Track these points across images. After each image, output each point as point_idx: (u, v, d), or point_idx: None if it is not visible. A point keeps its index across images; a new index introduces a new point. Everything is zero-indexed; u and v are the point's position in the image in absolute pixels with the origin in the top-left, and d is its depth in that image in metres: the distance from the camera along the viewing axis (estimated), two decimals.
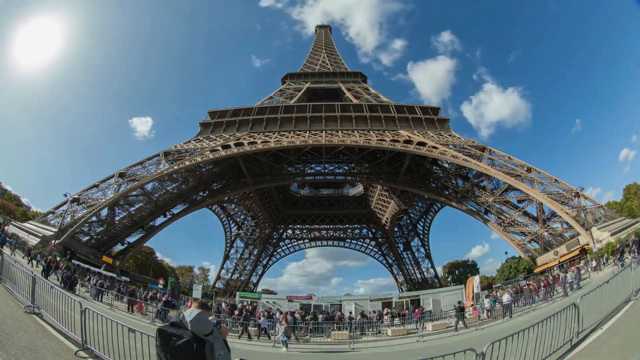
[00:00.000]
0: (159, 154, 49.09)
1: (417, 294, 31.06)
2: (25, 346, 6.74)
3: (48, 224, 40.15)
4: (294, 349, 15.24)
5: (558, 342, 7.73)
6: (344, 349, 15.27)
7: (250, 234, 76.20)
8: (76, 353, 7.32)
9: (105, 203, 42.72)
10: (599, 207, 38.10)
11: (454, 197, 50.42)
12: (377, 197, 74.27)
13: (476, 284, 26.48)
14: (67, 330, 8.06)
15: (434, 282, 71.84)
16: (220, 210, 69.64)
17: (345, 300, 28.34)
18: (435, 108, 57.53)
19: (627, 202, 52.82)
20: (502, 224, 45.58)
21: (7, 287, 10.66)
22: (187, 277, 79.72)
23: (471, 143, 48.60)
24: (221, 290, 68.99)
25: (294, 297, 30.03)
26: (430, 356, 6.83)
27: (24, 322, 8.23)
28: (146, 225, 50.50)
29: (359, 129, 52.25)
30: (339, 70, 76.58)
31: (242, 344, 15.96)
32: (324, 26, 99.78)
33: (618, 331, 8.29)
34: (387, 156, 52.53)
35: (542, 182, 40.81)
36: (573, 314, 8.35)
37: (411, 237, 76.51)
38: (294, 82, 72.52)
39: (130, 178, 45.86)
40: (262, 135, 51.62)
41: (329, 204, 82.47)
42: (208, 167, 53.08)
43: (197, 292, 33.85)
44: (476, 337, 14.32)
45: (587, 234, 33.80)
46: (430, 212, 70.68)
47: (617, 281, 10.78)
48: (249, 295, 38.94)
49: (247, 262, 76.72)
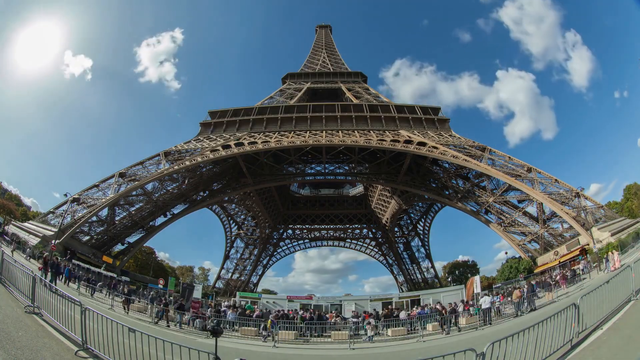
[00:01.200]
0: (159, 154, 49.12)
1: (417, 294, 31.10)
2: (25, 346, 6.75)
3: (48, 224, 40.22)
4: (294, 349, 15.25)
5: (558, 342, 7.73)
6: (343, 349, 15.26)
7: (251, 234, 76.24)
8: (76, 353, 7.33)
9: (106, 203, 42.76)
10: (599, 207, 38.11)
11: (454, 197, 50.43)
12: (377, 197, 74.29)
13: (476, 284, 26.46)
14: (67, 330, 8.07)
15: (434, 282, 71.86)
16: (221, 210, 69.68)
17: (345, 300, 28.35)
18: (435, 108, 57.55)
19: (627, 202, 52.77)
20: (503, 224, 45.59)
21: (7, 287, 10.66)
22: (187, 277, 79.76)
23: (471, 143, 48.60)
24: (221, 290, 69.05)
25: (294, 297, 30.07)
26: (430, 356, 6.84)
27: (24, 322, 8.24)
28: (146, 225, 50.56)
29: (359, 129, 52.27)
30: (339, 70, 76.66)
31: (243, 344, 15.96)
32: (324, 26, 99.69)
33: (618, 331, 8.28)
34: (388, 156, 52.55)
35: (543, 182, 40.81)
36: (573, 314, 8.35)
37: (411, 237, 76.54)
38: (294, 82, 72.58)
39: (130, 178, 45.88)
40: (263, 135, 51.64)
41: (329, 204, 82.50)
42: (208, 167, 53.11)
43: (197, 292, 33.82)
44: (476, 337, 14.32)
45: (587, 234, 33.81)
46: (431, 212, 70.70)
47: (617, 281, 10.77)
48: (249, 295, 38.96)
49: (247, 262, 76.79)
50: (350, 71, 76.63)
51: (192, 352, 6.27)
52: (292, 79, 74.24)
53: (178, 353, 6.51)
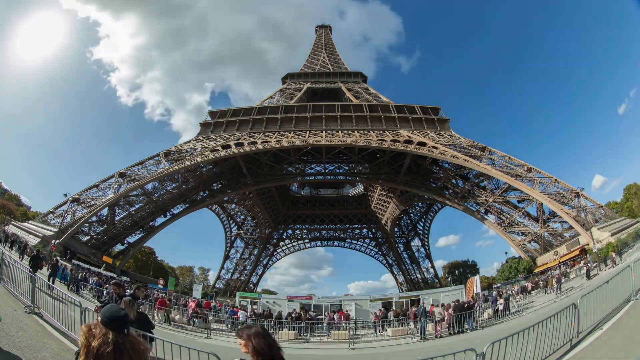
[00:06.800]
0: (159, 154, 49.13)
1: (417, 294, 31.09)
2: (25, 346, 6.74)
3: (48, 224, 40.18)
4: (293, 349, 15.26)
5: (558, 342, 7.73)
6: (343, 349, 15.27)
7: (250, 234, 76.20)
8: (76, 353, 7.31)
9: (105, 203, 42.74)
10: (599, 207, 38.14)
11: (454, 197, 50.42)
12: (377, 197, 74.26)
13: (476, 284, 26.47)
14: (67, 330, 8.07)
15: (434, 282, 71.86)
16: (220, 210, 69.61)
17: (345, 301, 28.33)
18: (435, 108, 57.50)
19: (627, 202, 52.80)
20: (502, 224, 45.60)
21: (7, 287, 10.66)
22: (187, 277, 79.74)
23: (471, 143, 48.60)
24: (221, 290, 69.02)
25: (294, 297, 30.03)
26: (430, 356, 6.84)
27: (24, 322, 8.23)
28: (146, 225, 50.54)
29: (359, 129, 52.24)
30: (339, 70, 76.57)
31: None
32: (324, 26, 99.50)
33: (618, 331, 8.27)
34: (387, 156, 52.53)
35: (542, 182, 40.82)
36: (573, 314, 8.35)
37: (411, 237, 76.59)
38: (294, 82, 72.52)
39: (130, 178, 45.87)
40: (263, 135, 51.62)
41: (329, 204, 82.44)
42: (208, 167, 53.10)
43: (197, 292, 33.87)
44: (476, 337, 14.32)
45: (587, 234, 33.80)
46: (430, 212, 70.68)
47: (617, 281, 10.77)
48: (249, 295, 38.95)
49: (247, 262, 76.75)
50: (350, 71, 76.55)
51: (192, 352, 6.27)
52: (292, 79, 74.15)
53: (178, 353, 6.51)
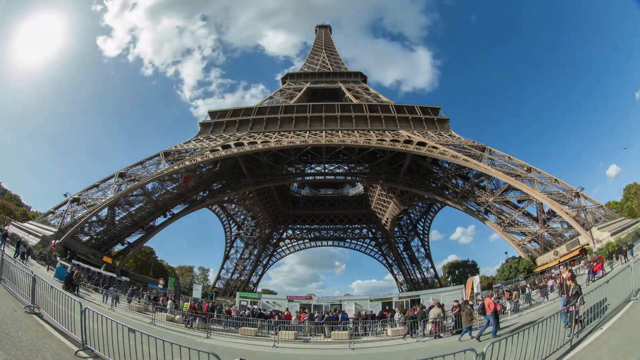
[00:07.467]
0: (159, 154, 49.13)
1: (417, 294, 31.10)
2: (25, 346, 6.75)
3: (48, 224, 40.16)
4: (294, 349, 15.25)
5: (558, 342, 7.73)
6: (343, 349, 15.26)
7: (250, 234, 76.22)
8: (76, 353, 7.33)
9: (105, 203, 42.74)
10: (599, 207, 38.16)
11: (454, 197, 50.44)
12: (377, 197, 74.27)
13: (476, 284, 26.42)
14: (67, 330, 8.07)
15: (434, 282, 71.91)
16: (220, 210, 69.64)
17: (345, 300, 28.34)
18: (435, 108, 57.50)
19: (627, 202, 52.80)
20: (502, 224, 45.61)
21: (7, 287, 10.66)
22: (187, 277, 79.74)
23: (471, 143, 48.61)
24: (221, 290, 69.05)
25: (294, 297, 30.04)
26: (430, 356, 6.84)
27: (24, 322, 8.23)
28: (146, 225, 50.54)
29: (359, 129, 52.24)
30: (339, 71, 76.59)
31: (243, 344, 15.97)
32: (324, 26, 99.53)
33: (618, 331, 8.28)
34: (387, 156, 52.55)
35: (542, 182, 40.84)
36: (573, 313, 8.35)
37: (411, 237, 76.63)
38: (294, 82, 72.51)
39: (130, 178, 45.87)
40: (262, 135, 51.62)
41: (329, 204, 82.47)
42: (208, 167, 53.12)
43: (197, 292, 33.83)
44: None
45: (587, 234, 33.83)
46: (430, 212, 70.74)
47: (617, 281, 10.78)
48: (249, 295, 38.99)
49: (247, 262, 76.77)
50: (350, 71, 76.59)
51: (192, 352, 6.27)
52: (292, 79, 74.15)
53: (178, 353, 6.52)
